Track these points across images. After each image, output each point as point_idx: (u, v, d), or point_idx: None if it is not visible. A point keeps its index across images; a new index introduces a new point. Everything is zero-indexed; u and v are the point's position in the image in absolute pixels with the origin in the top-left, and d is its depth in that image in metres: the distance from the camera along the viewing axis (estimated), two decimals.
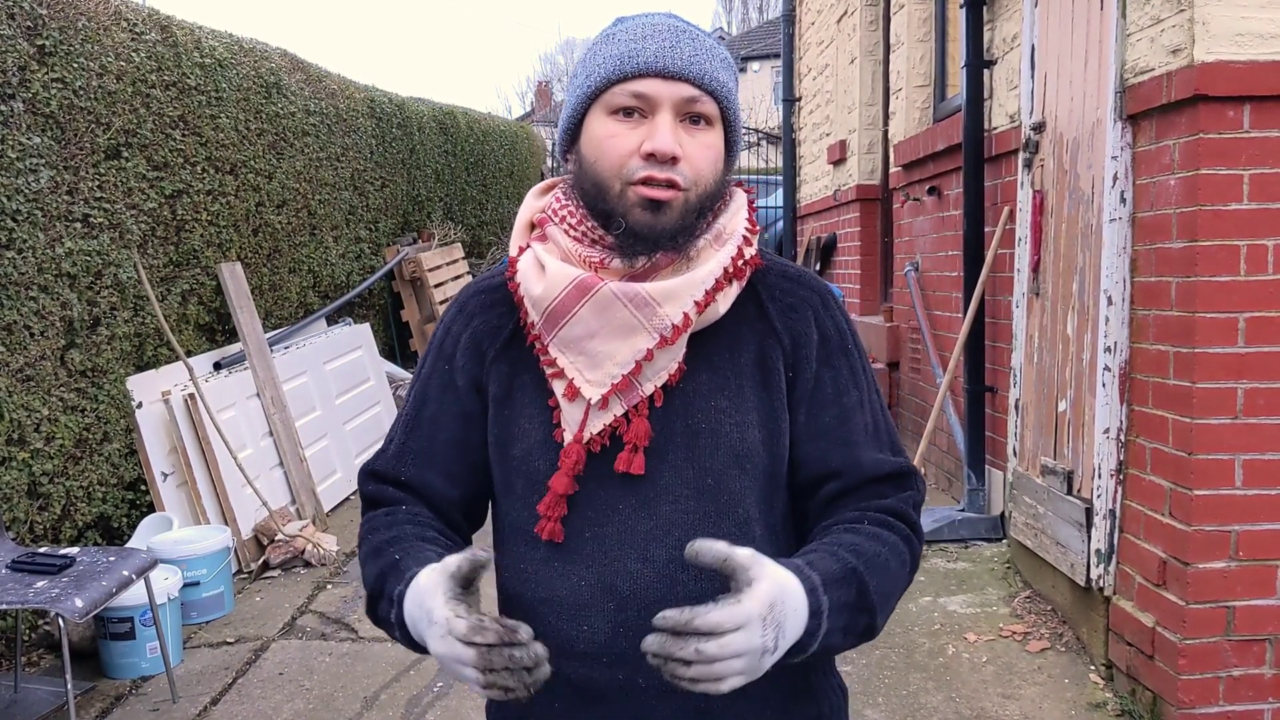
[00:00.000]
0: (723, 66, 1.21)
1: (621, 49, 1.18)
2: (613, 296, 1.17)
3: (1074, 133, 3.45)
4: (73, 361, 3.92)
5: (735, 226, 1.24)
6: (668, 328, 1.17)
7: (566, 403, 1.20)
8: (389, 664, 3.60)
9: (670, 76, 1.16)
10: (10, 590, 3.00)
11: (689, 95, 1.17)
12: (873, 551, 1.17)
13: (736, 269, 1.21)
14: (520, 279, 1.24)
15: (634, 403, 1.19)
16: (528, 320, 1.23)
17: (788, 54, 9.00)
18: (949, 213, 5.02)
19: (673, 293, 1.17)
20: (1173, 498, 2.88)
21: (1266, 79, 2.70)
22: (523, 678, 1.05)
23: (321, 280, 6.44)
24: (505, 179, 10.76)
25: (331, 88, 6.58)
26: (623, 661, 1.20)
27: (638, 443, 1.19)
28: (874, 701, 3.19)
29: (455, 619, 1.05)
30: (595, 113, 1.19)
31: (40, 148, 3.72)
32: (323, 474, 5.49)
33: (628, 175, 1.16)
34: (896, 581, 1.20)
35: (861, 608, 1.14)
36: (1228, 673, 2.83)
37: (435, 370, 1.31)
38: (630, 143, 1.16)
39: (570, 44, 49.50)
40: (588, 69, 1.21)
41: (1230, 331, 2.76)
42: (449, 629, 1.05)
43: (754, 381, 1.23)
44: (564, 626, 1.22)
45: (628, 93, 1.17)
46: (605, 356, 1.18)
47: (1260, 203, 2.74)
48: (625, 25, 1.22)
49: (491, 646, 1.03)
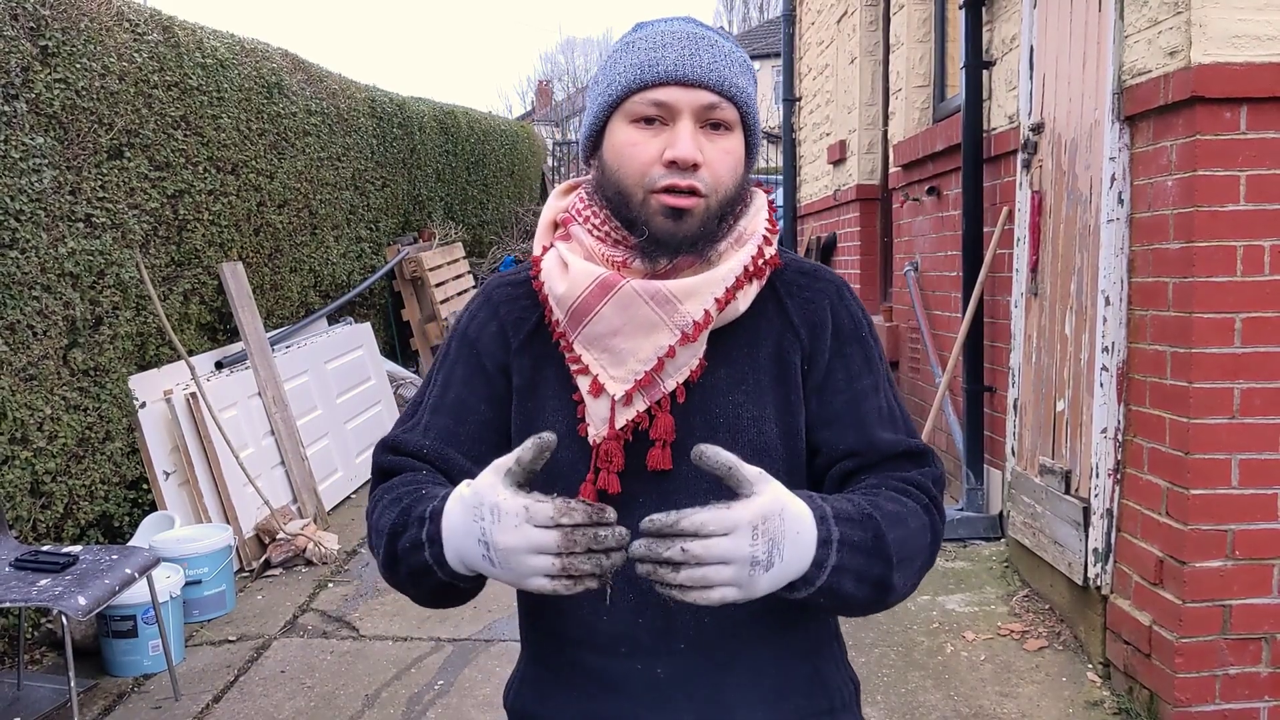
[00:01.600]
0: (742, 72, 1.22)
1: (641, 57, 1.19)
2: (635, 294, 1.19)
3: (1072, 134, 3.46)
4: (75, 361, 3.94)
5: (755, 227, 1.26)
6: (689, 324, 1.19)
7: (591, 399, 1.22)
8: (390, 662, 3.62)
9: (690, 84, 1.17)
10: (13, 588, 3.01)
11: (709, 102, 1.18)
12: (892, 509, 1.17)
13: (756, 268, 1.23)
14: (544, 277, 1.26)
15: (656, 398, 1.21)
16: (552, 318, 1.25)
17: (788, 54, 9.01)
18: (948, 213, 5.03)
19: (694, 290, 1.19)
20: (1170, 497, 2.90)
21: (1263, 80, 2.71)
22: (601, 561, 1.01)
23: (322, 279, 6.45)
24: (506, 178, 10.77)
25: (332, 88, 6.59)
26: (642, 652, 1.22)
27: (665, 438, 1.21)
28: (872, 699, 3.21)
29: (536, 504, 1.01)
30: (617, 121, 1.21)
31: (43, 148, 3.73)
32: (324, 473, 5.51)
33: (650, 183, 1.18)
34: (916, 542, 1.18)
35: (876, 553, 1.11)
36: (1224, 671, 2.85)
37: (460, 356, 1.31)
38: (652, 150, 1.18)
39: (571, 43, 49.50)
40: (609, 77, 1.22)
41: (1227, 332, 2.78)
42: (528, 516, 1.01)
43: (771, 376, 1.25)
44: (584, 617, 1.23)
45: (648, 101, 1.18)
46: (628, 353, 1.20)
47: (1257, 204, 2.75)
48: (645, 32, 1.23)
49: (577, 526, 1.01)
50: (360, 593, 4.31)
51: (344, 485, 5.74)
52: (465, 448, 1.28)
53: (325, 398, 5.79)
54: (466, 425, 1.29)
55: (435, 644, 3.74)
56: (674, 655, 1.22)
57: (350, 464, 5.86)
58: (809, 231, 8.32)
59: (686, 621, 1.22)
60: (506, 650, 3.61)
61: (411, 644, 3.77)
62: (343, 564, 4.67)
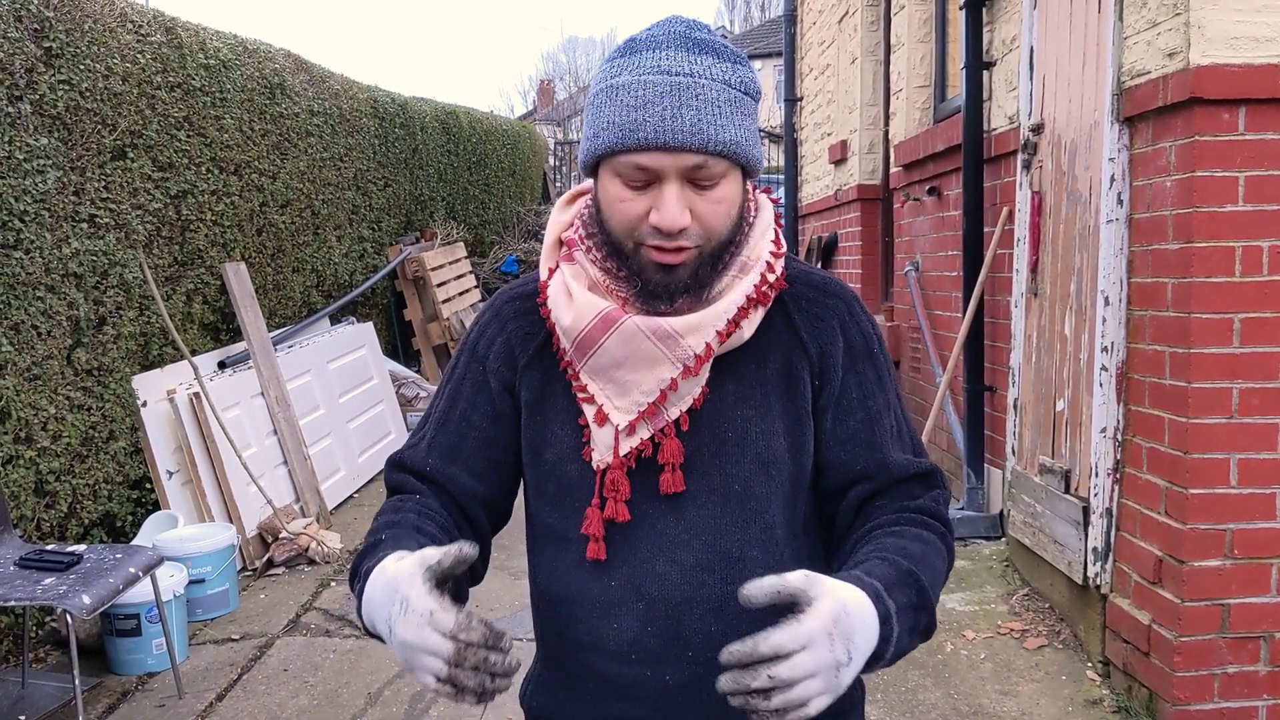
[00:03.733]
0: (732, 115, 1.15)
1: (624, 116, 1.14)
2: (636, 330, 1.19)
3: (1072, 135, 3.47)
4: (79, 361, 3.96)
5: (760, 253, 1.24)
6: (690, 358, 1.19)
7: (596, 427, 1.23)
8: (392, 661, 3.63)
9: (673, 149, 1.13)
10: (18, 587, 3.03)
11: (694, 164, 1.14)
12: (919, 552, 1.19)
13: (760, 294, 1.23)
14: (550, 304, 1.26)
15: (660, 426, 1.22)
16: (559, 345, 1.26)
17: (789, 54, 9.01)
18: (949, 213, 5.04)
19: (695, 325, 1.19)
20: (1168, 496, 2.91)
21: (1261, 82, 2.72)
22: (485, 682, 1.03)
23: (325, 279, 6.47)
24: (507, 178, 10.78)
25: (335, 88, 6.61)
26: (651, 659, 1.23)
27: (674, 461, 1.22)
28: (872, 698, 3.22)
29: (441, 612, 1.03)
30: (605, 170, 1.19)
31: (47, 149, 3.75)
32: (326, 472, 5.52)
33: (639, 238, 1.17)
34: (941, 577, 1.22)
35: (921, 606, 1.14)
36: (1222, 669, 2.86)
37: (468, 371, 1.33)
38: (639, 208, 1.16)
39: (573, 42, 49.48)
40: (594, 124, 1.18)
41: (1225, 332, 2.79)
42: (430, 620, 1.03)
43: (779, 391, 1.26)
44: (595, 624, 1.25)
45: (631, 165, 1.14)
46: (632, 385, 1.21)
47: (1255, 204, 2.76)
48: (630, 76, 1.16)
49: (470, 645, 1.03)
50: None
51: (346, 484, 5.76)
52: (467, 464, 1.31)
53: (328, 397, 5.81)
54: (468, 442, 1.31)
55: None
56: (683, 663, 1.23)
57: (353, 463, 5.88)
58: (810, 231, 8.33)
59: (695, 631, 1.23)
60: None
61: None
62: (345, 563, 4.68)
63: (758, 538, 1.24)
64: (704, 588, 1.23)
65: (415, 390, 7.03)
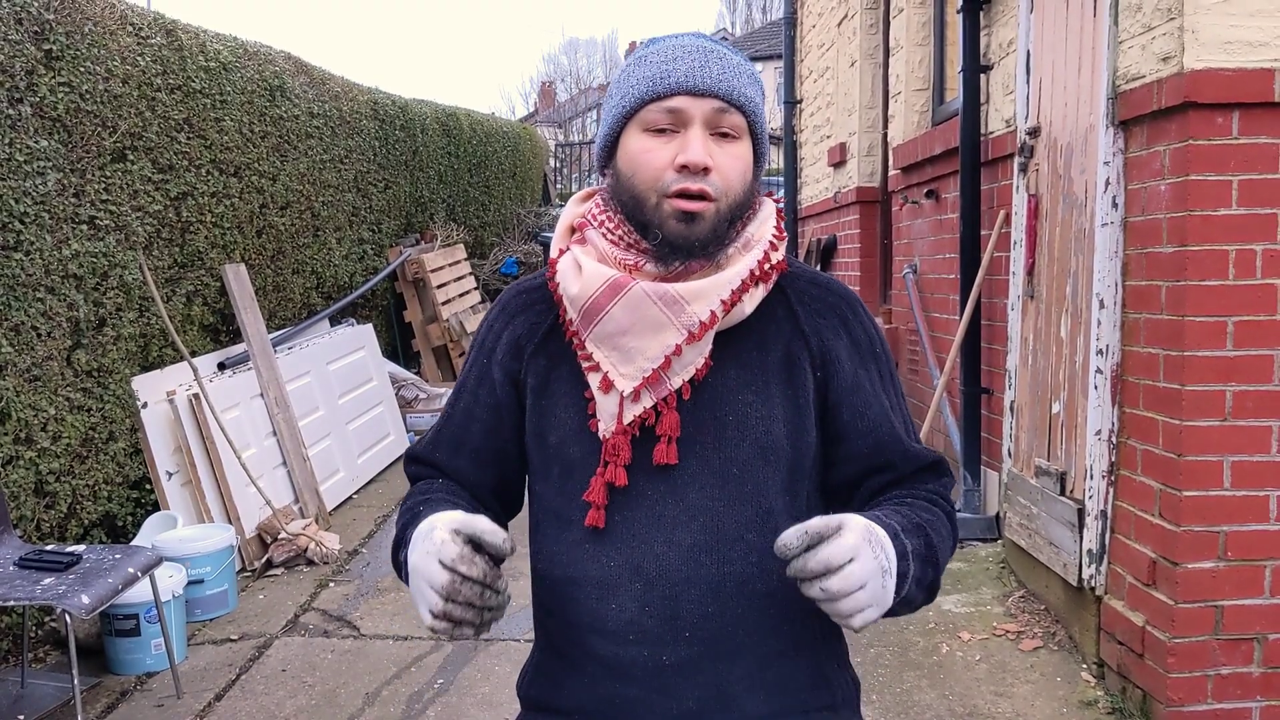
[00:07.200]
0: (750, 83, 1.28)
1: (654, 70, 1.26)
2: (644, 295, 1.25)
3: (1068, 138, 3.49)
4: (79, 362, 3.97)
5: (763, 234, 1.31)
6: (695, 324, 1.25)
7: (601, 395, 1.28)
8: (391, 661, 3.65)
9: (700, 93, 1.24)
10: (18, 587, 3.04)
11: (718, 108, 1.24)
12: (929, 519, 1.26)
13: (763, 272, 1.29)
14: (559, 278, 1.32)
15: (663, 395, 1.26)
16: (566, 317, 1.31)
17: (789, 56, 9.03)
18: (946, 216, 5.06)
19: (701, 292, 1.25)
20: (1163, 499, 2.92)
21: (1255, 86, 2.73)
22: (476, 616, 1.13)
23: (325, 281, 6.48)
24: (508, 180, 10.80)
25: (335, 90, 6.63)
26: (649, 640, 1.27)
27: (670, 434, 1.27)
28: (868, 699, 3.23)
29: (449, 543, 1.12)
30: (631, 130, 1.27)
31: (47, 151, 3.77)
32: (325, 473, 5.54)
33: (663, 188, 1.24)
34: (947, 548, 1.28)
35: (930, 560, 1.21)
36: (1216, 671, 2.87)
37: (475, 364, 1.42)
38: (664, 156, 1.24)
39: (574, 44, 49.52)
40: (623, 89, 1.28)
41: (1219, 335, 2.80)
42: (438, 551, 1.12)
43: (780, 379, 1.30)
44: (593, 605, 1.28)
45: (662, 109, 1.24)
46: (637, 351, 1.26)
47: (1249, 208, 2.77)
48: (657, 47, 1.29)
49: (467, 579, 1.11)
50: (361, 592, 4.34)
51: (346, 485, 5.77)
52: (473, 455, 1.40)
53: (327, 398, 5.82)
54: (472, 433, 1.40)
55: (435, 643, 3.77)
56: (679, 643, 1.26)
57: (352, 464, 5.90)
58: (810, 233, 8.34)
59: (692, 611, 1.26)
60: (506, 649, 3.64)
61: (412, 643, 3.80)
62: (344, 564, 4.70)
63: (755, 521, 1.27)
64: (701, 568, 1.26)
65: (415, 392, 7.04)
